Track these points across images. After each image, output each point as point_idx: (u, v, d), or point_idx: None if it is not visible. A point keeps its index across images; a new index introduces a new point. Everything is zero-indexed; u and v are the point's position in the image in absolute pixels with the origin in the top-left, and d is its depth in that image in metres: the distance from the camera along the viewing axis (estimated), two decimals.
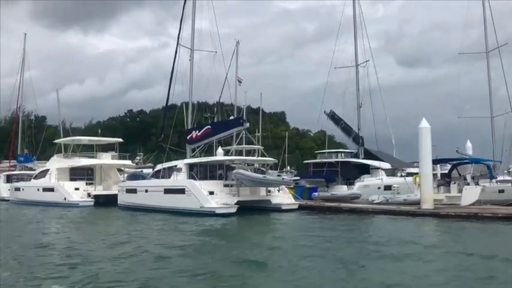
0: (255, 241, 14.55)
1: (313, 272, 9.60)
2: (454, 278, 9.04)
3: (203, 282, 8.67)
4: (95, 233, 16.68)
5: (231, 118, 26.73)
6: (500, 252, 11.25)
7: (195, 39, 27.36)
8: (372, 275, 9.22)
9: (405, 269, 9.84)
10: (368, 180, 29.77)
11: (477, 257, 11.01)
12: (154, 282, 8.59)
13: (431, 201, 21.03)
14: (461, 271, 9.51)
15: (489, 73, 28.73)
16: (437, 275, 9.28)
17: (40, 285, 8.33)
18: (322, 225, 19.20)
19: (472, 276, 9.06)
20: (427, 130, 21.11)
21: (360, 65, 34.23)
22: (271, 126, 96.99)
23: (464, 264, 10.25)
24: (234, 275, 9.25)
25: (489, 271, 9.39)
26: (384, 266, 10.06)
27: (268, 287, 8.58)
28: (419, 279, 8.92)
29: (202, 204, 21.94)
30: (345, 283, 8.65)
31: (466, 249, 12.23)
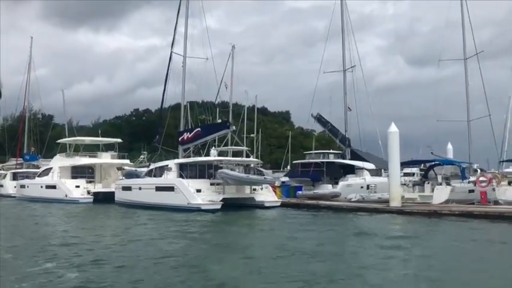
0: (233, 230, 16.84)
1: (277, 248, 11.83)
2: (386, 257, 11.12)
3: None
4: (86, 225, 18.94)
5: (219, 121, 28.76)
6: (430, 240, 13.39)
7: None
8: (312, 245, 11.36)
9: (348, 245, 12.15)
10: (352, 180, 31.66)
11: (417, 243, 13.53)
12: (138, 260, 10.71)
13: (399, 200, 22.98)
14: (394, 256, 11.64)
15: (467, 79, 30.49)
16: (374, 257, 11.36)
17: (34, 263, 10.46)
18: (297, 219, 21.34)
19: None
20: (396, 134, 23.07)
21: (347, 70, 36.17)
22: (275, 125, 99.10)
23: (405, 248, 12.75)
24: (199, 255, 11.39)
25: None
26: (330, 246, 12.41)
27: (234, 262, 10.74)
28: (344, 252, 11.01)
29: (189, 201, 24.11)
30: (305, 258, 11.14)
31: (410, 237, 14.52)
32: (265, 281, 8.82)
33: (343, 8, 36.44)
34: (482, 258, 11.42)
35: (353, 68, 35.65)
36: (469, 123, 29.90)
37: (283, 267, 9.92)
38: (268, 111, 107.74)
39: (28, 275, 9.02)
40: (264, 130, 78.94)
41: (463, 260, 11.46)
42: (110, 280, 8.77)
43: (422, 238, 14.89)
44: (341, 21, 36.36)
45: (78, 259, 10.74)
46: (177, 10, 30.64)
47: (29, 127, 53.78)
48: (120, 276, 9.09)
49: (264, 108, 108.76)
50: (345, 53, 36.17)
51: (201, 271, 9.72)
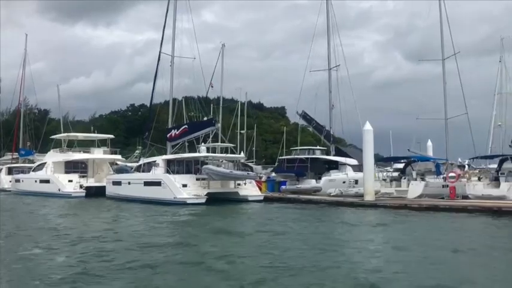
0: (213, 220, 18.40)
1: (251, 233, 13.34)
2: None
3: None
4: (75, 216, 20.40)
5: (205, 119, 30.13)
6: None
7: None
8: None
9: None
10: (334, 175, 33.07)
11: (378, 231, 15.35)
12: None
13: (373, 194, 24.48)
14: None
15: (444, 79, 31.88)
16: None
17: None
18: (276, 211, 22.98)
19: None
20: (370, 132, 24.49)
21: (332, 69, 37.51)
22: (271, 121, 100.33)
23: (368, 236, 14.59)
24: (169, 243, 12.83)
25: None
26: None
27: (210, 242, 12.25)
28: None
29: (176, 195, 25.54)
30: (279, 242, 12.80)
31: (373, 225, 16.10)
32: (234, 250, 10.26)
33: (328, 8, 37.75)
34: (428, 239, 13.32)
35: (338, 67, 37.04)
36: (447, 121, 31.29)
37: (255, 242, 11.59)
38: (264, 107, 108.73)
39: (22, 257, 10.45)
40: (259, 125, 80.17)
41: (413, 238, 13.79)
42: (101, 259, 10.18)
43: (389, 226, 16.80)
44: (326, 20, 37.70)
45: (64, 244, 12.20)
46: (166, 11, 31.88)
47: (25, 122, 54.99)
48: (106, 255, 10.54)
49: (260, 104, 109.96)
50: (330, 52, 37.56)
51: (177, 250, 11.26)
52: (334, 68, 37.37)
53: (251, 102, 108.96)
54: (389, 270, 9.32)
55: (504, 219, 17.78)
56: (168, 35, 31.10)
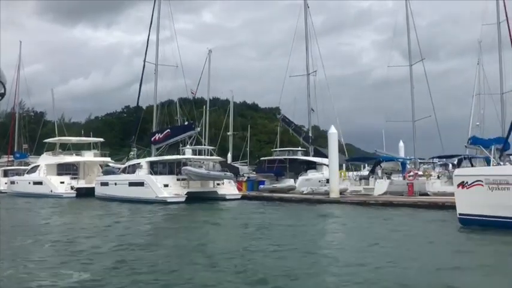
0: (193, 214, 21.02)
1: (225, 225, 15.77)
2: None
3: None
4: (62, 214, 22.86)
5: (186, 124, 32.55)
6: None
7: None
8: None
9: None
10: (311, 175, 35.51)
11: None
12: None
13: (337, 192, 26.91)
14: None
15: (412, 83, 34.34)
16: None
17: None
18: (249, 207, 25.54)
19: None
20: (335, 135, 26.96)
21: (311, 74, 39.90)
22: (265, 121, 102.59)
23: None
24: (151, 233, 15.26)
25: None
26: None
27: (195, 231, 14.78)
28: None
29: (157, 194, 27.97)
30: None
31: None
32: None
33: (306, 15, 40.14)
34: (374, 226, 15.97)
35: (315, 72, 39.40)
36: (414, 123, 33.72)
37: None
38: (259, 107, 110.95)
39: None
40: (254, 126, 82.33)
41: (359, 226, 16.77)
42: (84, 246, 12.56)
43: (343, 217, 19.79)
44: (304, 27, 40.07)
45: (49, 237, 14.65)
46: (150, 22, 34.32)
47: (20, 125, 57.39)
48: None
49: (255, 105, 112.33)
50: (309, 57, 39.90)
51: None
52: (313, 73, 39.85)
53: (246, 103, 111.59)
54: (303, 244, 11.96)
55: (445, 213, 20.14)
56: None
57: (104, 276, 8.78)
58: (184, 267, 9.65)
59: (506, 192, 14.04)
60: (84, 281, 8.49)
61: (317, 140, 40.78)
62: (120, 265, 9.70)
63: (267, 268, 9.37)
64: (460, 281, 8.50)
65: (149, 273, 8.99)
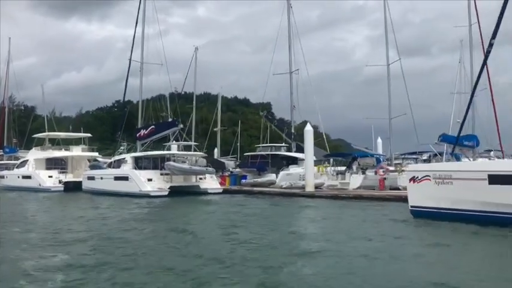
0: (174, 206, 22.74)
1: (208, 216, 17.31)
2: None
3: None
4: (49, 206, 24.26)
5: (169, 120, 33.98)
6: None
7: None
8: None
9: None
10: (292, 170, 37.03)
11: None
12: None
13: (312, 186, 28.45)
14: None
15: (389, 82, 35.93)
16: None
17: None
18: (228, 200, 27.09)
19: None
20: (310, 132, 28.49)
21: (294, 72, 41.36)
22: (256, 116, 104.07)
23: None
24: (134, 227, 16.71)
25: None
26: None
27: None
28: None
29: (141, 188, 29.39)
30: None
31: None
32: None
33: (289, 15, 41.53)
34: (342, 216, 17.40)
35: (298, 71, 40.86)
36: (391, 120, 35.33)
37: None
38: (250, 103, 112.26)
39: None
40: (245, 121, 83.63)
41: (326, 216, 18.41)
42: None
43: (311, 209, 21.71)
44: (288, 26, 41.48)
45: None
46: (136, 20, 35.59)
47: (10, 119, 58.42)
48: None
49: (246, 100, 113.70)
50: (291, 56, 41.36)
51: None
52: (295, 72, 41.31)
53: (237, 98, 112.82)
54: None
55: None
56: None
57: (82, 257, 10.16)
58: (155, 250, 11.09)
59: (450, 186, 15.59)
60: (63, 260, 9.91)
61: (301, 136, 42.23)
62: (95, 249, 11.14)
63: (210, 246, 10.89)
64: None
65: (121, 256, 10.39)
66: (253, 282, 7.96)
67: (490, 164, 16.07)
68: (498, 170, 14.57)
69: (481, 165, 15.81)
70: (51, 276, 8.55)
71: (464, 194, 15.09)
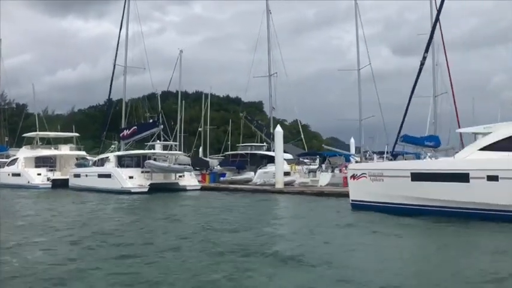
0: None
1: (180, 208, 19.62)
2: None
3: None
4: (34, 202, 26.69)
5: (150, 121, 36.44)
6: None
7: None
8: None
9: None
10: (269, 168, 39.51)
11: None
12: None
13: (282, 183, 30.98)
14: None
15: (359, 85, 38.52)
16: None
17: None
18: (203, 195, 29.58)
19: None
20: (280, 134, 31.00)
21: (273, 75, 43.80)
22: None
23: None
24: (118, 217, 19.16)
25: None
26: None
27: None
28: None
29: (122, 185, 31.82)
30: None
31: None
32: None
33: (268, 20, 43.95)
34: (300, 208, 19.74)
35: (276, 74, 43.31)
36: (361, 122, 37.89)
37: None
38: (242, 101, 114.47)
39: None
40: (236, 120, 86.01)
41: (283, 206, 21.08)
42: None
43: (275, 202, 24.48)
44: (267, 32, 43.90)
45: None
46: (120, 25, 37.98)
47: (0, 117, 60.61)
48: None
49: (238, 99, 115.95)
50: (271, 59, 43.78)
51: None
52: (274, 74, 43.79)
53: (229, 97, 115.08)
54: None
55: None
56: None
57: (59, 242, 12.61)
58: (124, 236, 13.55)
59: (381, 182, 18.13)
60: (41, 243, 12.37)
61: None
62: (71, 235, 13.62)
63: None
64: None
65: (93, 241, 12.84)
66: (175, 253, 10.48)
67: (412, 164, 18.58)
68: (419, 169, 17.12)
69: (405, 165, 18.34)
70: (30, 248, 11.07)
71: (393, 189, 17.63)
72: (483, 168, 15.16)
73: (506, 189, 14.65)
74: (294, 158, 40.75)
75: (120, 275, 8.59)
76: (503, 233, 13.33)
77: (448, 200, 15.94)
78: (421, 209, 16.72)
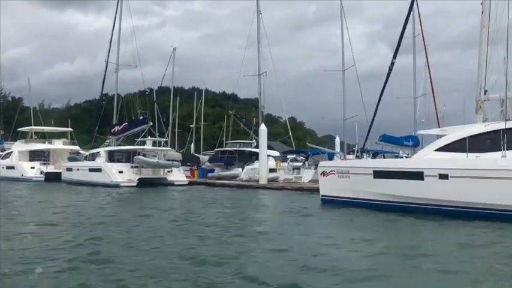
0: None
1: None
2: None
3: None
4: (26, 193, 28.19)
5: (140, 118, 37.94)
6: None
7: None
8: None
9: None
10: (256, 164, 40.97)
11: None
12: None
13: (265, 179, 32.55)
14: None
15: (344, 85, 40.02)
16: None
17: None
18: (189, 190, 31.12)
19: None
20: (264, 132, 32.56)
21: (262, 75, 45.19)
22: (242, 112, 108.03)
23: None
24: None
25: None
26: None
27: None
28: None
29: (112, 179, 33.32)
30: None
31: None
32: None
33: (259, 21, 45.29)
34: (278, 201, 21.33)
35: (265, 73, 44.68)
36: (345, 121, 39.43)
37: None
38: (238, 98, 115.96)
39: None
40: (232, 116, 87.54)
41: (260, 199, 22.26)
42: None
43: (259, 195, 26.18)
44: (257, 32, 45.24)
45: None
46: (113, 25, 39.37)
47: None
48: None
49: (234, 95, 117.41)
50: (260, 59, 45.13)
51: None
52: (264, 74, 45.17)
53: (225, 93, 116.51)
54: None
55: None
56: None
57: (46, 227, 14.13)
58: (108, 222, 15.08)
59: (348, 179, 19.64)
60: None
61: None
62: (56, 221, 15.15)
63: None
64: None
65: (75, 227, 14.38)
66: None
67: (375, 162, 20.06)
68: (380, 167, 18.63)
69: (368, 163, 19.81)
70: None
71: (357, 185, 19.15)
72: (435, 167, 16.65)
73: (455, 187, 16.14)
74: (279, 155, 42.33)
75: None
76: (444, 225, 14.75)
77: (405, 196, 17.44)
78: (382, 204, 18.21)
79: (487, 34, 18.51)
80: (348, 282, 7.82)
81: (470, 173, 15.82)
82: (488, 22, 18.54)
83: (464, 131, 16.96)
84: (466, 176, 15.92)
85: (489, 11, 18.59)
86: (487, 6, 18.68)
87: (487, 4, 18.69)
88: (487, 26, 18.61)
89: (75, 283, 7.58)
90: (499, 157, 15.44)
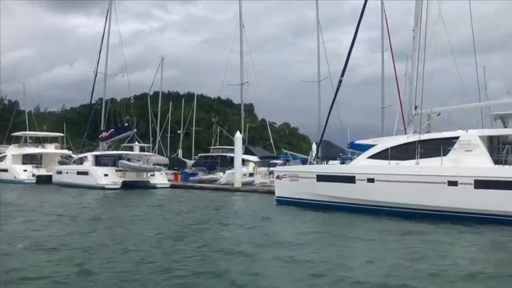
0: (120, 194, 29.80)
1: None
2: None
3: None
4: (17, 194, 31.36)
5: (126, 125, 41.17)
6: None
7: None
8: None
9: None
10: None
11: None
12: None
13: (240, 182, 35.66)
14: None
15: (319, 95, 43.30)
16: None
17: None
18: (170, 192, 34.19)
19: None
20: (239, 139, 35.68)
21: (244, 84, 48.45)
22: (237, 117, 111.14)
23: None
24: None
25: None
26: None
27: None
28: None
29: (98, 182, 36.49)
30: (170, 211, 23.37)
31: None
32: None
33: (241, 34, 48.54)
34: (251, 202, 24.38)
35: (247, 83, 47.96)
36: (319, 128, 42.51)
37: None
38: (233, 103, 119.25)
39: None
40: (227, 122, 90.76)
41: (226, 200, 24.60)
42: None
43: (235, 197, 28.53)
44: (240, 44, 48.50)
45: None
46: (102, 36, 42.70)
47: None
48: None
49: (229, 101, 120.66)
50: (243, 69, 48.39)
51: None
52: (246, 83, 48.45)
53: (220, 98, 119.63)
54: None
55: None
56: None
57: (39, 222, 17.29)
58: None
59: (297, 182, 22.80)
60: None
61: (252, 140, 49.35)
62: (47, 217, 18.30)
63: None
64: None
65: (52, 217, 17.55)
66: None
67: (318, 167, 23.20)
68: (321, 172, 21.80)
69: (312, 168, 22.97)
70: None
71: (304, 187, 22.32)
72: (364, 172, 19.83)
73: (380, 189, 19.30)
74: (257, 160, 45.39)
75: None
76: (369, 221, 17.87)
77: (341, 197, 20.61)
78: (324, 204, 21.36)
79: (417, 57, 21.74)
80: (287, 250, 12.01)
81: (391, 178, 19.02)
82: (418, 47, 21.77)
83: (389, 142, 20.15)
84: (388, 180, 19.10)
85: (419, 37, 21.82)
86: (418, 33, 21.91)
87: (418, 31, 21.91)
88: (417, 49, 21.84)
89: None
90: (413, 164, 18.62)
